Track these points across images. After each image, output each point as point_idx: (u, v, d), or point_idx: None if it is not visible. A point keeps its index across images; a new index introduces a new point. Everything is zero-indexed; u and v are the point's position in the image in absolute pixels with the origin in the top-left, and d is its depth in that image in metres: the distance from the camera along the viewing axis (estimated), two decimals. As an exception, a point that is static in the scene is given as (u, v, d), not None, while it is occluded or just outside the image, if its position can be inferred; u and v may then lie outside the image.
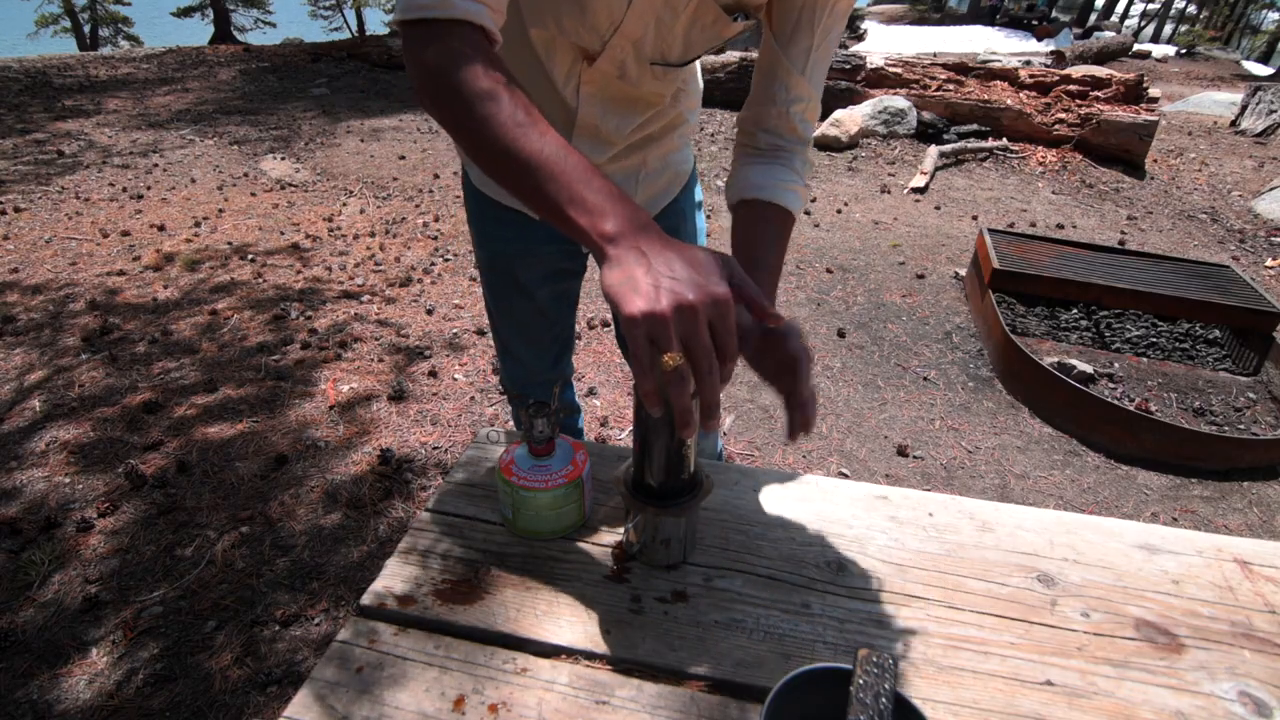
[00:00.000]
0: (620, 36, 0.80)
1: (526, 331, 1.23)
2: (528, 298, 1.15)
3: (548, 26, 0.81)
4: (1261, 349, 2.81)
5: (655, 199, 1.11)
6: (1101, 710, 0.63)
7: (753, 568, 0.77)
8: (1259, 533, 2.10)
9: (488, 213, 1.08)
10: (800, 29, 0.82)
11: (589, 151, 0.96)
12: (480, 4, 0.63)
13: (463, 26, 0.62)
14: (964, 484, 2.24)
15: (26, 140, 5.35)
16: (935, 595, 0.74)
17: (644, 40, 0.82)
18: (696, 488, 0.72)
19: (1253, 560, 0.80)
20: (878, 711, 0.49)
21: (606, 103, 0.91)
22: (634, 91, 0.91)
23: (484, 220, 1.10)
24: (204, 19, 16.14)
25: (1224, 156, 6.20)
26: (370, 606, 0.71)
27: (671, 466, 0.69)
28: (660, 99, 0.96)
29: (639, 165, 1.04)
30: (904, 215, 4.47)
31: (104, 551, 1.82)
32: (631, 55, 0.84)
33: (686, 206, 1.15)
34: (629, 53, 0.83)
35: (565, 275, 1.17)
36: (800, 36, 0.82)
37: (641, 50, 0.83)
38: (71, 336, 2.79)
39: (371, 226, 4.00)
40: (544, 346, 1.27)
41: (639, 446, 0.69)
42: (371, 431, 2.31)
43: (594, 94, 0.90)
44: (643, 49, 0.83)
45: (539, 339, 1.25)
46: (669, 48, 0.84)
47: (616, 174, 1.03)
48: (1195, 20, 26.99)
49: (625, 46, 0.82)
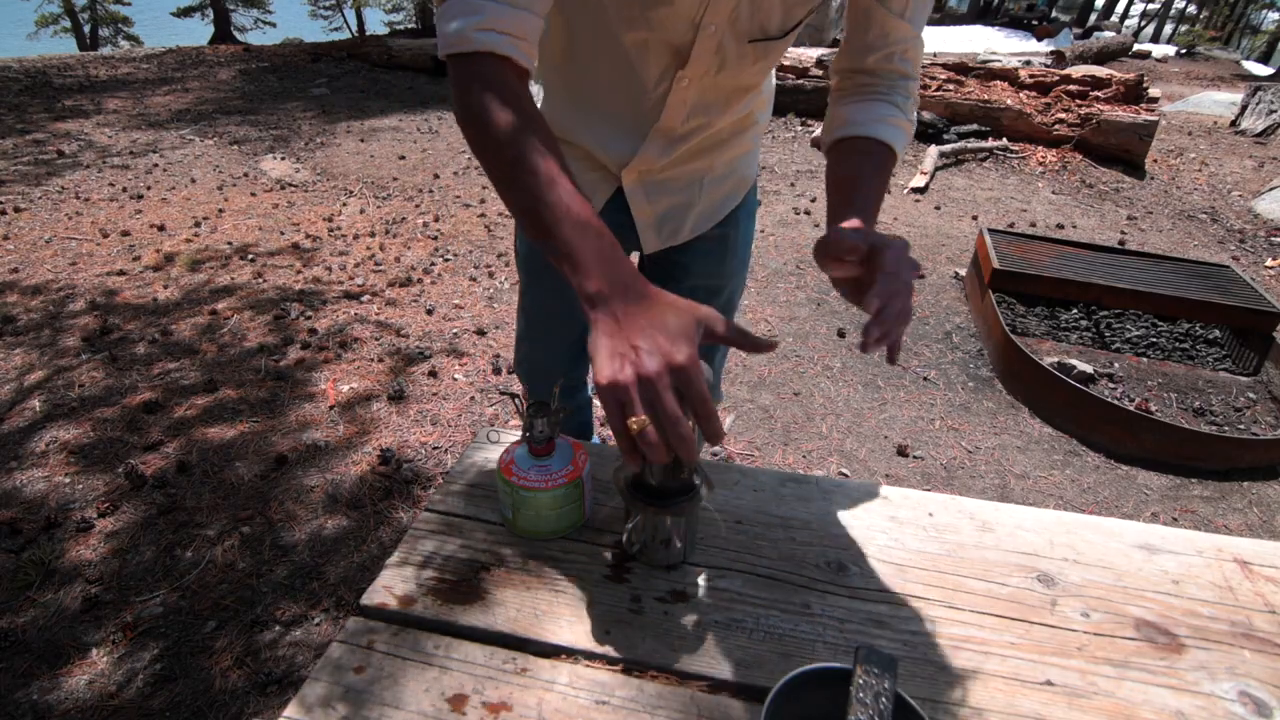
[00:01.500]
0: (712, 14, 0.76)
1: (550, 325, 1.24)
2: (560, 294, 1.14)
3: (641, 27, 0.79)
4: (1261, 349, 2.81)
5: (718, 205, 1.08)
6: (1101, 710, 0.63)
7: (753, 568, 0.77)
8: (1259, 533, 2.10)
9: None
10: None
11: (658, 154, 0.95)
12: (501, 34, 0.65)
13: (484, 59, 0.65)
14: (964, 484, 2.24)
15: (26, 140, 5.35)
16: (935, 595, 0.74)
17: (739, 13, 0.77)
18: (696, 488, 0.72)
19: (1253, 560, 0.80)
20: (878, 711, 0.49)
21: (695, 102, 0.88)
22: (729, 83, 0.87)
23: None
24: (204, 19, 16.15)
25: (1224, 156, 6.20)
26: (370, 607, 0.71)
27: (670, 467, 0.69)
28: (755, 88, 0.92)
29: (705, 170, 1.02)
30: (904, 215, 4.47)
31: (104, 552, 1.82)
32: (729, 33, 0.79)
33: (742, 214, 1.13)
34: (725, 31, 0.79)
35: None
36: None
37: (738, 26, 0.79)
38: (71, 337, 2.79)
39: (371, 226, 4.00)
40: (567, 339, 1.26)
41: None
42: (371, 432, 2.31)
43: (683, 99, 0.87)
44: (739, 24, 0.78)
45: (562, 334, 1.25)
46: (767, 16, 0.79)
47: (680, 178, 1.01)
48: (1195, 20, 26.99)
49: (720, 26, 0.78)
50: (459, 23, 0.65)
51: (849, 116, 0.83)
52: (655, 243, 1.08)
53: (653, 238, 1.07)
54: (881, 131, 0.80)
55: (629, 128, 0.92)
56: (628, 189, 1.00)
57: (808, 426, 2.47)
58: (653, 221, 1.05)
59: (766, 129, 1.05)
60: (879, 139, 0.80)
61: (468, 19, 0.64)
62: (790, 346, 2.95)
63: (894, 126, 0.81)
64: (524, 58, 0.67)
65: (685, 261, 1.12)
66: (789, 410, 2.55)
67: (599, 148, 0.95)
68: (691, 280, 1.14)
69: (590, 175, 0.99)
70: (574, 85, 0.91)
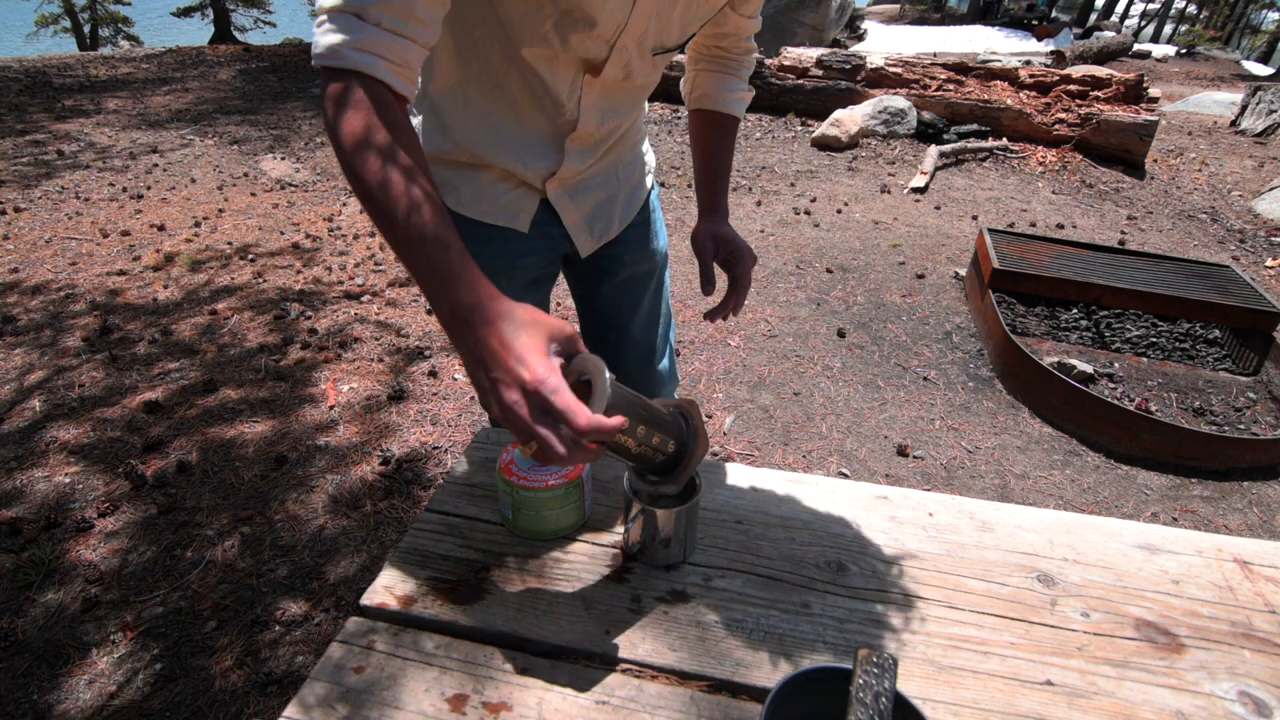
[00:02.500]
0: (626, 37, 0.82)
1: None
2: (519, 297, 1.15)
3: (549, 44, 0.81)
4: (1261, 349, 2.81)
5: (635, 191, 1.13)
6: (1101, 710, 0.63)
7: (753, 568, 0.77)
8: (1259, 533, 2.10)
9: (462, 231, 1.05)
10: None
11: (579, 161, 0.97)
12: (377, 57, 0.64)
13: (357, 79, 0.64)
14: (964, 484, 2.24)
15: (26, 140, 5.36)
16: (935, 595, 0.74)
17: (646, 34, 0.84)
18: (696, 488, 0.72)
19: (1253, 560, 0.80)
20: (878, 711, 0.49)
21: (604, 109, 0.92)
22: (632, 87, 0.93)
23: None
24: (204, 19, 16.13)
25: (1224, 156, 6.20)
26: (370, 607, 0.71)
27: (664, 468, 0.69)
28: (650, 89, 0.99)
29: (617, 161, 1.06)
30: (904, 215, 4.47)
31: (104, 552, 1.82)
32: (635, 53, 0.85)
33: (653, 197, 1.21)
34: (633, 51, 0.85)
35: (544, 280, 1.16)
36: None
37: (644, 44, 0.85)
38: (72, 337, 2.79)
39: (371, 226, 4.00)
40: None
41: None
42: (372, 431, 2.31)
43: (595, 102, 0.90)
44: (645, 42, 0.85)
45: None
46: (668, 34, 0.86)
47: (599, 174, 1.04)
48: (1195, 20, 26.98)
49: (630, 46, 0.84)
50: (336, 38, 0.64)
51: (707, 89, 1.09)
52: (590, 244, 1.10)
53: (587, 239, 1.09)
54: (733, 107, 1.09)
55: (548, 142, 0.94)
56: (553, 198, 1.01)
57: (808, 426, 2.47)
58: (583, 224, 1.07)
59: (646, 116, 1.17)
60: (732, 114, 1.10)
61: (346, 35, 0.64)
62: (790, 346, 2.95)
63: (741, 100, 1.10)
64: (400, 84, 0.66)
65: (617, 253, 1.15)
66: (789, 410, 2.55)
67: (519, 166, 0.95)
68: (625, 270, 1.17)
69: (512, 194, 0.99)
70: (484, 110, 0.91)
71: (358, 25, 0.64)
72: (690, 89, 1.11)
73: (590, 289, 1.23)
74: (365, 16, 0.64)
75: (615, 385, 0.59)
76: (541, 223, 1.02)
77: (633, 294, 1.21)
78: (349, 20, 0.64)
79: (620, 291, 1.20)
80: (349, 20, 0.64)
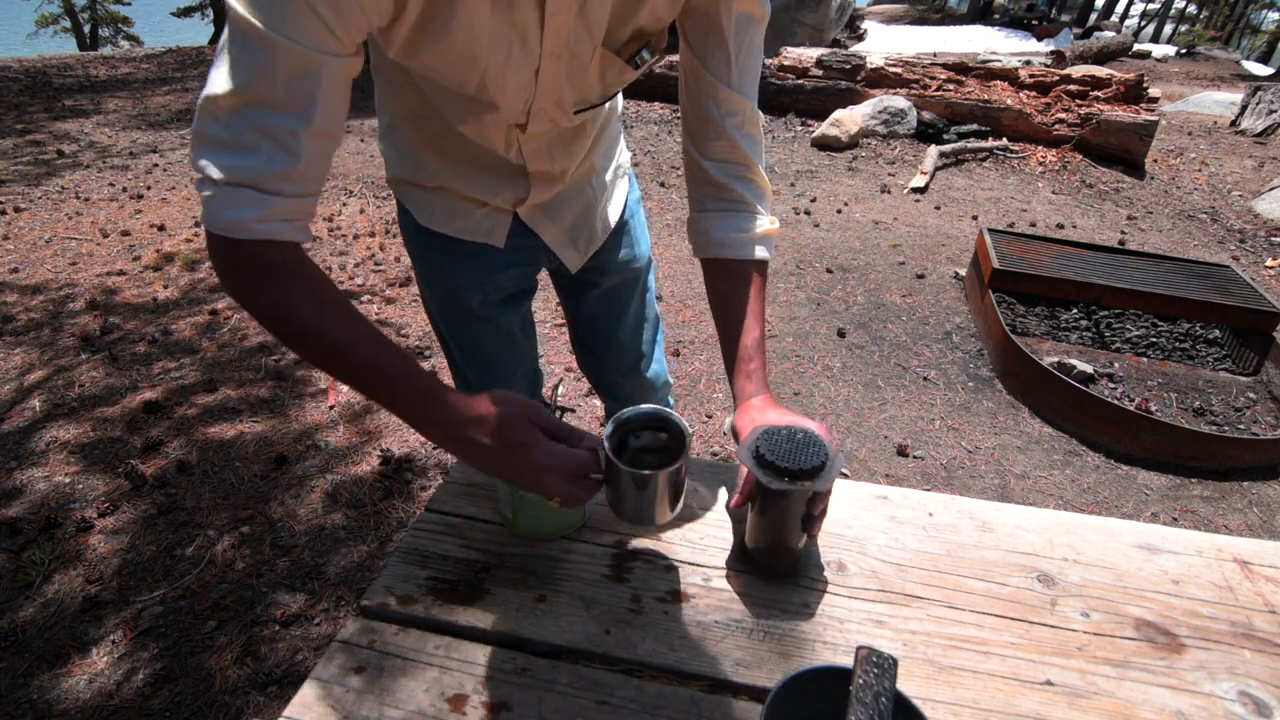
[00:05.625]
0: (539, 104, 0.81)
1: (494, 369, 1.16)
2: (490, 323, 1.11)
3: (470, 123, 0.83)
4: (1261, 349, 2.81)
5: (614, 197, 1.11)
6: (1101, 710, 0.63)
7: (753, 567, 0.77)
8: (1259, 533, 2.10)
9: (436, 247, 1.02)
10: (711, 36, 0.79)
11: (546, 189, 0.97)
12: (284, 222, 0.64)
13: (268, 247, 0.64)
14: (964, 484, 2.24)
15: (26, 140, 5.36)
16: (935, 595, 0.74)
17: (563, 97, 0.82)
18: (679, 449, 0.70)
19: (1253, 560, 0.80)
20: (878, 711, 0.49)
21: (551, 149, 0.92)
22: (572, 128, 0.91)
23: (432, 256, 1.05)
24: (204, 19, 16.11)
25: (1224, 156, 6.20)
26: (370, 606, 0.71)
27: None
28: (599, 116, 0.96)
29: (589, 172, 1.04)
30: (904, 215, 4.47)
31: (104, 551, 1.82)
32: (556, 111, 0.84)
33: (632, 200, 1.18)
34: (553, 110, 0.83)
35: (523, 295, 1.15)
36: (714, 46, 0.80)
37: (564, 104, 0.83)
38: (71, 336, 2.79)
39: (371, 226, 4.00)
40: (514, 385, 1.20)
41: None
42: (372, 431, 2.31)
43: (537, 148, 0.90)
44: (564, 102, 0.83)
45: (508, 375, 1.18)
46: (587, 94, 0.84)
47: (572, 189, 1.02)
48: (1195, 20, 26.98)
49: (547, 108, 0.82)
50: (239, 214, 0.61)
51: (715, 235, 0.86)
52: (578, 259, 1.09)
53: (573, 254, 1.08)
54: (753, 252, 0.85)
55: (514, 174, 0.94)
56: (527, 219, 1.00)
57: (808, 426, 2.46)
58: (566, 238, 1.06)
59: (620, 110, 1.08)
60: (754, 259, 0.85)
61: (249, 210, 0.61)
62: (790, 346, 2.95)
63: (764, 239, 0.86)
64: (306, 235, 0.67)
65: (598, 264, 1.13)
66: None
67: (487, 194, 0.95)
68: (608, 280, 1.16)
69: (480, 212, 0.98)
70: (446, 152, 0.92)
71: (259, 199, 0.61)
72: (694, 232, 0.90)
73: (575, 300, 1.22)
74: (264, 188, 0.61)
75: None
76: (518, 234, 1.01)
77: (618, 302, 1.20)
78: (248, 194, 0.61)
79: (605, 300, 1.19)
80: (248, 194, 0.61)
